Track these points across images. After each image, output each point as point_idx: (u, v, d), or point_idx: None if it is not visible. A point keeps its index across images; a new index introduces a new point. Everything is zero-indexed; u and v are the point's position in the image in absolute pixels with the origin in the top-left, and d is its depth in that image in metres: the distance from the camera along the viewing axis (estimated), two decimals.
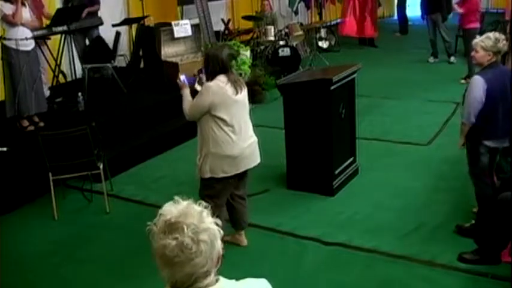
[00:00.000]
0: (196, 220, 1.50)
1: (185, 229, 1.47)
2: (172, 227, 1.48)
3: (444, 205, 5.04)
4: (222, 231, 1.55)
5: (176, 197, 1.58)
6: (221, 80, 4.01)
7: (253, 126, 4.33)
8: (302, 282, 4.01)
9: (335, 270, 4.14)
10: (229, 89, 4.00)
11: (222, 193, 4.16)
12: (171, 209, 1.53)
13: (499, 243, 4.00)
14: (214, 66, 4.04)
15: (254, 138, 4.27)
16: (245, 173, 4.26)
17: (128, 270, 4.32)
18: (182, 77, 4.33)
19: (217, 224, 1.54)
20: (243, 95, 4.13)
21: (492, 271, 3.95)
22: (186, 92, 4.24)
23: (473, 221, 4.47)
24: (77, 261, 4.49)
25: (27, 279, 4.30)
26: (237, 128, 4.06)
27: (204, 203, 1.56)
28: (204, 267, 1.50)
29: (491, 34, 4.34)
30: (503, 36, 4.33)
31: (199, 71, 4.32)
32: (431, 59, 10.76)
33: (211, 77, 4.06)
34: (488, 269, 3.98)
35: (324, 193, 5.33)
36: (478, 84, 4.22)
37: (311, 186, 5.38)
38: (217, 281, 1.55)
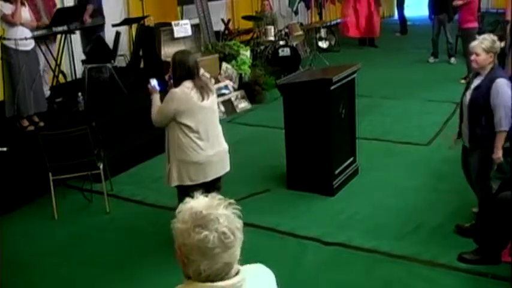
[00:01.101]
0: (226, 210, 1.51)
1: (220, 220, 1.48)
2: (206, 219, 1.48)
3: (444, 205, 5.03)
4: (241, 221, 1.56)
5: (196, 193, 1.58)
6: (187, 86, 3.97)
7: (254, 126, 4.32)
8: (302, 282, 4.02)
9: (335, 270, 4.14)
10: (194, 95, 3.95)
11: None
12: (196, 204, 1.52)
13: (499, 243, 4.00)
14: (180, 72, 4.00)
15: (224, 146, 4.21)
16: (215, 181, 4.18)
17: (127, 270, 4.32)
18: (153, 82, 4.30)
19: (238, 216, 1.55)
20: (211, 101, 4.06)
21: (492, 271, 3.95)
22: (156, 98, 4.21)
23: (473, 221, 4.47)
24: (76, 261, 4.49)
25: (27, 279, 4.29)
26: (204, 135, 4.01)
27: (219, 196, 1.57)
28: (238, 255, 1.53)
29: (486, 35, 4.31)
30: (496, 37, 4.31)
31: (169, 77, 4.28)
32: (431, 59, 10.77)
33: (177, 82, 4.02)
34: (488, 269, 3.98)
35: (324, 193, 5.33)
36: (507, 86, 4.09)
37: (311, 186, 5.38)
38: (238, 269, 1.57)
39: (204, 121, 4.01)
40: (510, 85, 4.13)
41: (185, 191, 3.94)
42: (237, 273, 1.55)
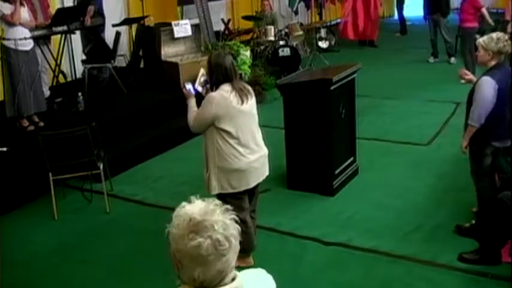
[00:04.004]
0: (221, 216, 1.49)
1: (215, 226, 1.46)
2: (201, 226, 1.46)
3: (444, 205, 5.04)
4: (239, 227, 1.55)
5: (192, 197, 1.56)
6: (225, 90, 3.78)
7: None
8: (302, 282, 4.02)
9: (335, 270, 4.14)
10: (233, 98, 3.76)
11: (240, 207, 3.87)
12: (192, 209, 1.50)
13: (499, 242, 4.00)
14: (217, 76, 3.80)
15: (264, 151, 4.02)
16: (255, 187, 4.05)
17: (127, 270, 4.32)
18: (188, 86, 4.10)
19: (235, 221, 1.54)
20: (250, 104, 3.86)
21: (492, 271, 3.95)
22: (192, 102, 4.00)
23: (473, 221, 4.47)
24: (76, 261, 4.49)
25: (27, 279, 4.30)
26: (244, 140, 3.83)
27: (217, 201, 1.55)
28: (232, 263, 1.51)
29: (494, 34, 4.29)
30: (506, 37, 4.25)
31: (206, 81, 4.09)
32: (431, 59, 10.77)
33: (215, 86, 3.85)
34: (488, 269, 3.98)
35: (324, 193, 5.33)
36: (489, 85, 4.13)
37: (311, 186, 5.38)
38: (236, 275, 1.56)
39: (243, 126, 3.82)
40: (495, 86, 4.14)
41: (228, 199, 3.76)
42: (233, 280, 1.53)
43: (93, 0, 7.61)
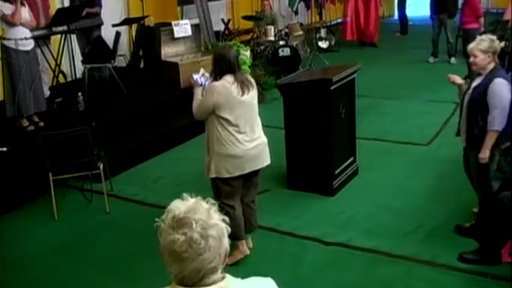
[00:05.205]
0: (205, 216, 1.51)
1: (194, 224, 1.49)
2: (181, 223, 1.49)
3: (444, 205, 5.04)
4: (229, 229, 1.56)
5: (184, 194, 1.59)
6: (227, 80, 3.99)
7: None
8: (302, 282, 4.02)
9: (335, 270, 4.15)
10: (234, 89, 3.97)
11: (230, 194, 4.13)
12: (179, 205, 1.54)
13: (499, 242, 4.00)
14: (221, 66, 4.02)
15: (263, 140, 4.20)
16: (253, 174, 4.20)
17: (127, 270, 4.32)
18: (195, 76, 4.31)
19: (225, 222, 1.55)
20: (251, 95, 4.08)
21: (492, 271, 3.96)
22: (198, 92, 4.21)
23: (473, 221, 4.47)
24: (76, 261, 4.49)
25: (27, 279, 4.30)
26: (243, 128, 4.02)
27: (211, 201, 1.58)
28: (211, 263, 1.51)
29: (484, 36, 4.32)
30: (494, 36, 4.30)
31: (210, 74, 4.30)
32: (431, 59, 10.77)
33: (218, 76, 4.05)
34: (488, 269, 3.98)
35: (324, 193, 5.33)
36: (505, 86, 4.09)
37: (311, 186, 5.38)
38: (223, 277, 1.57)
39: (243, 115, 4.02)
40: (509, 86, 4.12)
41: (221, 184, 4.10)
42: (216, 282, 1.54)
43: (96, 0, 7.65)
